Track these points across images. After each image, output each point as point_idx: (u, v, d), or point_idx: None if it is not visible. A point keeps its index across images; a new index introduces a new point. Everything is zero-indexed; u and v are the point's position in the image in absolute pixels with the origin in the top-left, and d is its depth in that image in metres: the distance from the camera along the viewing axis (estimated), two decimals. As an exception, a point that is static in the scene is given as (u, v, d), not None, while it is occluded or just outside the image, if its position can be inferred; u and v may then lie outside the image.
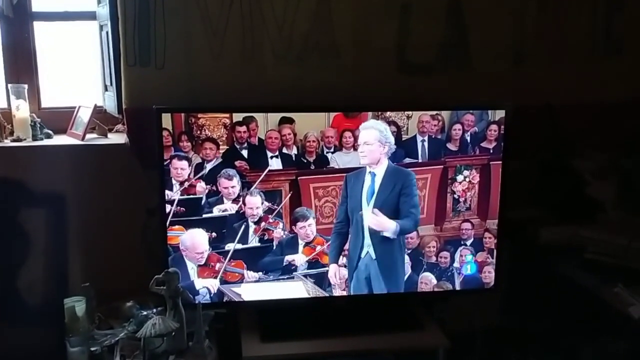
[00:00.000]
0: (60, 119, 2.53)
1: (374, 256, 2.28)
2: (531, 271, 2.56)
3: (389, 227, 2.26)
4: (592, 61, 2.63)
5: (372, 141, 2.22)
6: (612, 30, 2.62)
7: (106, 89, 2.53)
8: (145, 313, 2.16)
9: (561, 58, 2.60)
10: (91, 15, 2.51)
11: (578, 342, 2.42)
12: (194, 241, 2.19)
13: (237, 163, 2.17)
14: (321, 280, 2.30)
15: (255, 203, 2.20)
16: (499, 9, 2.51)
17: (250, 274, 2.24)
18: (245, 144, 2.17)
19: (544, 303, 2.55)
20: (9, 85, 2.44)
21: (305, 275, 2.29)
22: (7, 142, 2.41)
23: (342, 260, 2.29)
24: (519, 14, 2.53)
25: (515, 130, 2.32)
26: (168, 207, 2.15)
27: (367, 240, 2.27)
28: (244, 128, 2.15)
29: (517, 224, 2.49)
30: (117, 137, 2.51)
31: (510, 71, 2.56)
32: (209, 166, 2.16)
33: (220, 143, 2.15)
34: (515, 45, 2.56)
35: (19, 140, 2.41)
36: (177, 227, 2.17)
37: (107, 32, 2.38)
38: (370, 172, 2.24)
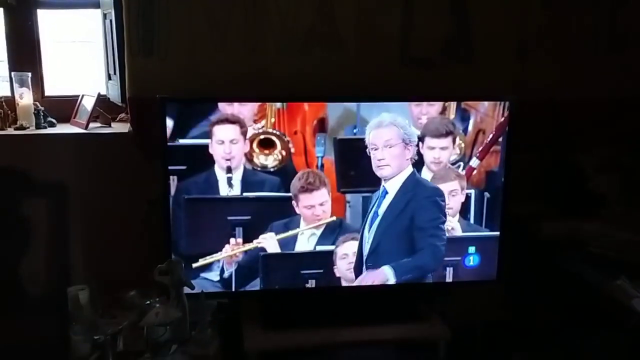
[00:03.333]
0: (64, 108, 2.53)
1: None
2: (534, 265, 2.55)
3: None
4: (596, 56, 2.62)
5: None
6: (616, 25, 2.61)
7: (110, 78, 2.52)
8: (148, 302, 2.16)
9: (565, 53, 2.59)
10: (95, 3, 2.50)
11: (581, 335, 2.42)
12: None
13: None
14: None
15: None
16: (502, 2, 2.50)
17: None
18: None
19: (546, 296, 2.55)
20: (13, 73, 2.44)
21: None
22: (11, 131, 2.41)
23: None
24: (522, 8, 2.52)
25: (518, 125, 2.31)
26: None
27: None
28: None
29: (519, 217, 2.49)
30: (121, 126, 2.51)
31: (514, 65, 2.55)
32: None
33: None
34: (519, 39, 2.54)
35: (22, 128, 2.41)
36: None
37: (110, 21, 2.37)
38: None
